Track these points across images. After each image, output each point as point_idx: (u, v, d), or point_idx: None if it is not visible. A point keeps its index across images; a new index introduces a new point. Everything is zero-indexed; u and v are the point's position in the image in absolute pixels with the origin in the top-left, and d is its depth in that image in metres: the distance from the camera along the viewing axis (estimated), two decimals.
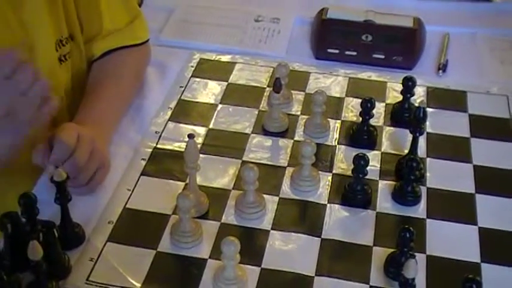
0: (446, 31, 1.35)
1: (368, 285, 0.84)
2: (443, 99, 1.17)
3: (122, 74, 1.14)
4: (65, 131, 0.91)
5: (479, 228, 0.92)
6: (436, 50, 1.30)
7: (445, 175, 1.01)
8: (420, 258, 0.87)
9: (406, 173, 0.96)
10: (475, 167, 1.02)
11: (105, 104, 1.06)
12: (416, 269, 0.76)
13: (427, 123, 1.10)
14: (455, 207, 0.96)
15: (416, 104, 1.11)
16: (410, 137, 1.01)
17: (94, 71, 1.13)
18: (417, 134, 0.98)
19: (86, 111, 1.04)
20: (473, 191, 0.98)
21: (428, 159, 1.04)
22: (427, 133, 1.09)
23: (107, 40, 1.13)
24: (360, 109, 1.06)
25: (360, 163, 0.94)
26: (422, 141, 1.07)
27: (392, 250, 0.86)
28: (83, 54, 1.10)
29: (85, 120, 1.01)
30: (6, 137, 0.84)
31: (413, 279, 0.77)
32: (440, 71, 1.24)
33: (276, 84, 1.06)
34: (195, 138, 0.91)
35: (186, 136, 0.91)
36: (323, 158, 1.04)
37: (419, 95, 1.17)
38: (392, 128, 1.11)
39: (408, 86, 1.09)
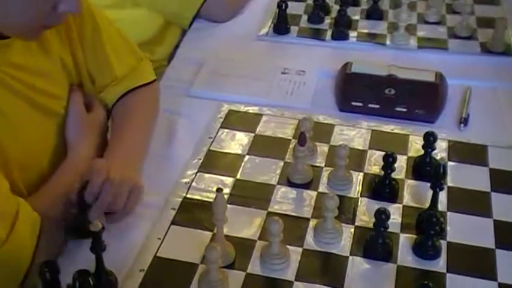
0: (468, 85, 1.38)
1: None
2: (464, 153, 1.20)
3: (139, 110, 1.22)
4: (95, 165, 1.01)
5: (499, 283, 0.94)
6: (458, 104, 1.34)
7: (465, 229, 1.04)
8: None
9: (426, 228, 0.99)
10: (495, 221, 1.05)
11: (129, 138, 1.15)
12: None
13: (448, 176, 1.14)
14: (475, 262, 0.98)
15: (438, 158, 1.15)
16: (431, 191, 1.04)
17: (114, 114, 1.21)
18: (437, 190, 1.02)
19: (113, 148, 1.12)
20: (493, 246, 1.00)
21: (448, 213, 1.07)
22: (448, 187, 1.12)
23: (120, 85, 1.21)
24: (382, 162, 1.09)
25: (381, 217, 0.97)
26: (443, 195, 1.10)
27: None
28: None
29: (113, 155, 1.10)
30: None
31: None
32: (462, 125, 1.27)
33: (300, 138, 1.11)
34: (223, 189, 0.96)
35: (215, 187, 0.96)
36: (346, 210, 1.08)
37: (440, 149, 1.20)
38: (414, 181, 1.14)
39: (429, 140, 1.13)
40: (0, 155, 0.97)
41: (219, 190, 0.94)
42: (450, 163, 1.18)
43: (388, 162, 1.08)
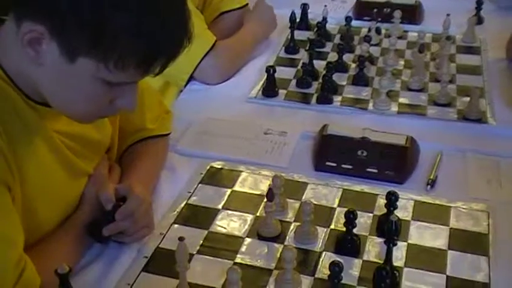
0: (440, 149, 1.45)
1: None
2: (428, 213, 1.26)
3: (154, 153, 1.32)
4: (136, 188, 1.14)
5: None
6: (429, 167, 1.40)
7: (418, 285, 1.09)
8: None
9: (377, 281, 1.04)
10: (447, 277, 1.10)
11: (144, 173, 1.25)
12: None
13: (410, 234, 1.20)
14: None
15: (401, 217, 1.21)
16: None
17: (130, 153, 1.31)
18: (391, 245, 1.07)
19: (131, 177, 1.21)
20: None
21: (405, 268, 1.12)
22: (408, 244, 1.18)
23: (142, 132, 1.33)
24: None
25: (335, 270, 1.03)
26: (402, 251, 1.16)
27: None
28: None
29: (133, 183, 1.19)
30: None
31: None
32: (429, 186, 1.34)
33: (268, 194, 1.18)
34: (191, 239, 1.03)
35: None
36: (308, 263, 1.14)
37: (406, 208, 1.27)
38: (376, 238, 1.20)
39: (391, 200, 1.19)
40: (32, 218, 1.04)
41: (180, 239, 1.02)
42: (414, 222, 1.24)
43: (349, 218, 1.15)
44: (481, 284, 1.09)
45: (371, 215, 1.26)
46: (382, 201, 1.28)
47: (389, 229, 1.07)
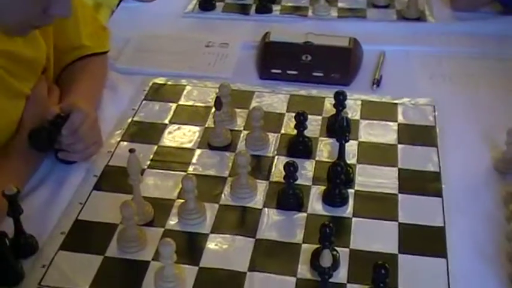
0: (382, 50, 1.45)
1: (295, 278, 0.93)
2: (375, 111, 1.27)
3: (93, 70, 1.27)
4: (80, 103, 1.09)
5: (399, 223, 1.01)
6: (372, 68, 1.40)
7: (372, 179, 1.10)
8: (344, 252, 0.96)
9: (333, 177, 1.05)
10: (399, 170, 1.12)
11: (85, 90, 1.20)
12: (330, 258, 0.85)
13: (360, 133, 1.20)
14: (379, 207, 1.05)
15: (350, 117, 1.21)
16: None
17: (68, 73, 1.24)
18: (343, 142, 1.08)
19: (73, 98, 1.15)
20: (396, 192, 1.07)
21: (358, 165, 1.13)
22: (360, 142, 1.19)
23: (79, 50, 1.26)
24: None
25: (290, 169, 1.03)
26: (354, 149, 1.16)
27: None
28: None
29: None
30: None
31: (329, 268, 0.85)
32: (375, 86, 1.34)
33: (216, 102, 1.15)
34: (140, 155, 1.00)
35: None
36: (261, 168, 1.13)
37: (354, 108, 1.27)
38: (327, 138, 1.20)
39: (339, 99, 1.18)
40: None
41: (131, 151, 0.99)
42: (362, 121, 1.24)
43: (299, 120, 1.14)
44: (432, 173, 1.11)
45: (320, 117, 1.26)
46: (329, 104, 1.28)
47: (341, 125, 1.07)
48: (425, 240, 0.98)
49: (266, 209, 1.05)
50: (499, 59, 1.42)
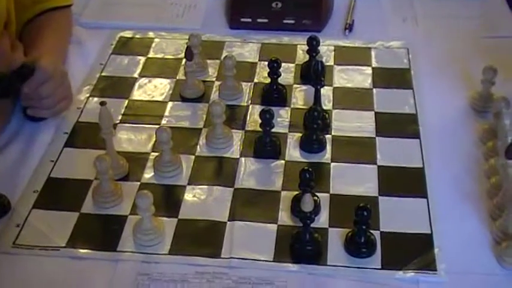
0: None
1: (276, 224, 0.92)
2: (349, 56, 1.25)
3: (58, 24, 1.22)
4: (44, 59, 1.03)
5: (378, 166, 1.00)
6: (344, 13, 1.38)
7: (348, 124, 1.09)
8: (325, 198, 0.95)
9: (309, 123, 1.03)
10: (376, 113, 1.11)
11: (51, 44, 1.15)
12: (312, 203, 0.84)
13: (334, 78, 1.19)
14: (357, 151, 1.04)
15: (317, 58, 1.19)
16: None
17: (31, 28, 1.19)
18: (318, 87, 1.06)
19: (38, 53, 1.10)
20: (374, 135, 1.06)
21: (334, 111, 1.12)
22: (334, 88, 1.17)
23: (41, 4, 1.20)
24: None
25: (266, 117, 1.01)
26: (330, 95, 1.15)
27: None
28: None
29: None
30: None
31: (310, 213, 0.84)
32: (347, 31, 1.32)
33: (187, 53, 1.12)
34: (111, 110, 0.97)
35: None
36: (236, 117, 1.11)
37: (327, 54, 1.25)
38: (301, 85, 1.18)
39: (312, 45, 1.16)
40: None
41: (102, 103, 0.96)
42: (336, 66, 1.23)
43: (273, 67, 1.12)
44: (409, 115, 1.10)
45: (293, 65, 1.23)
46: (301, 51, 1.26)
47: (316, 70, 1.04)
48: (405, 182, 0.98)
49: (243, 158, 1.03)
50: None
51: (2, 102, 1.06)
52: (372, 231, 0.88)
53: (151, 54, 1.27)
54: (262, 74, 1.21)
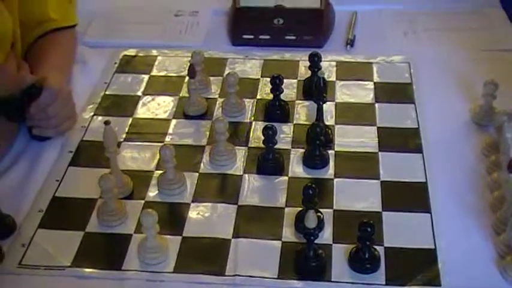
0: (354, 9, 1.43)
1: (280, 241, 0.92)
2: (351, 72, 1.26)
3: (62, 44, 1.23)
4: (50, 79, 1.05)
5: (381, 181, 1.01)
6: (345, 28, 1.39)
7: (351, 139, 1.09)
8: (328, 213, 0.95)
9: (312, 139, 1.04)
10: (378, 128, 1.11)
11: (56, 64, 1.16)
12: (315, 219, 0.84)
13: (337, 94, 1.19)
14: (360, 166, 1.04)
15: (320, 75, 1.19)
16: None
17: (36, 48, 1.20)
18: (320, 103, 1.06)
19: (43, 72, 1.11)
20: (376, 150, 1.07)
21: (337, 126, 1.12)
22: (337, 103, 1.18)
23: (46, 24, 1.21)
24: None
25: (269, 133, 1.01)
26: (332, 111, 1.15)
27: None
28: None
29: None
30: None
31: (314, 229, 0.85)
32: (348, 46, 1.33)
33: (190, 70, 1.13)
34: (115, 128, 0.98)
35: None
36: (240, 134, 1.12)
37: (328, 70, 1.25)
38: (304, 101, 1.19)
39: (314, 61, 1.17)
40: None
41: (106, 123, 0.97)
42: (338, 82, 1.23)
43: (275, 83, 1.12)
44: (411, 129, 1.11)
45: (295, 81, 1.24)
46: (304, 67, 1.26)
47: (318, 86, 1.05)
48: (408, 196, 0.98)
49: (246, 175, 1.04)
50: (471, 11, 1.41)
51: (7, 122, 1.07)
52: (375, 246, 0.88)
53: (154, 72, 1.29)
54: (264, 90, 1.21)
